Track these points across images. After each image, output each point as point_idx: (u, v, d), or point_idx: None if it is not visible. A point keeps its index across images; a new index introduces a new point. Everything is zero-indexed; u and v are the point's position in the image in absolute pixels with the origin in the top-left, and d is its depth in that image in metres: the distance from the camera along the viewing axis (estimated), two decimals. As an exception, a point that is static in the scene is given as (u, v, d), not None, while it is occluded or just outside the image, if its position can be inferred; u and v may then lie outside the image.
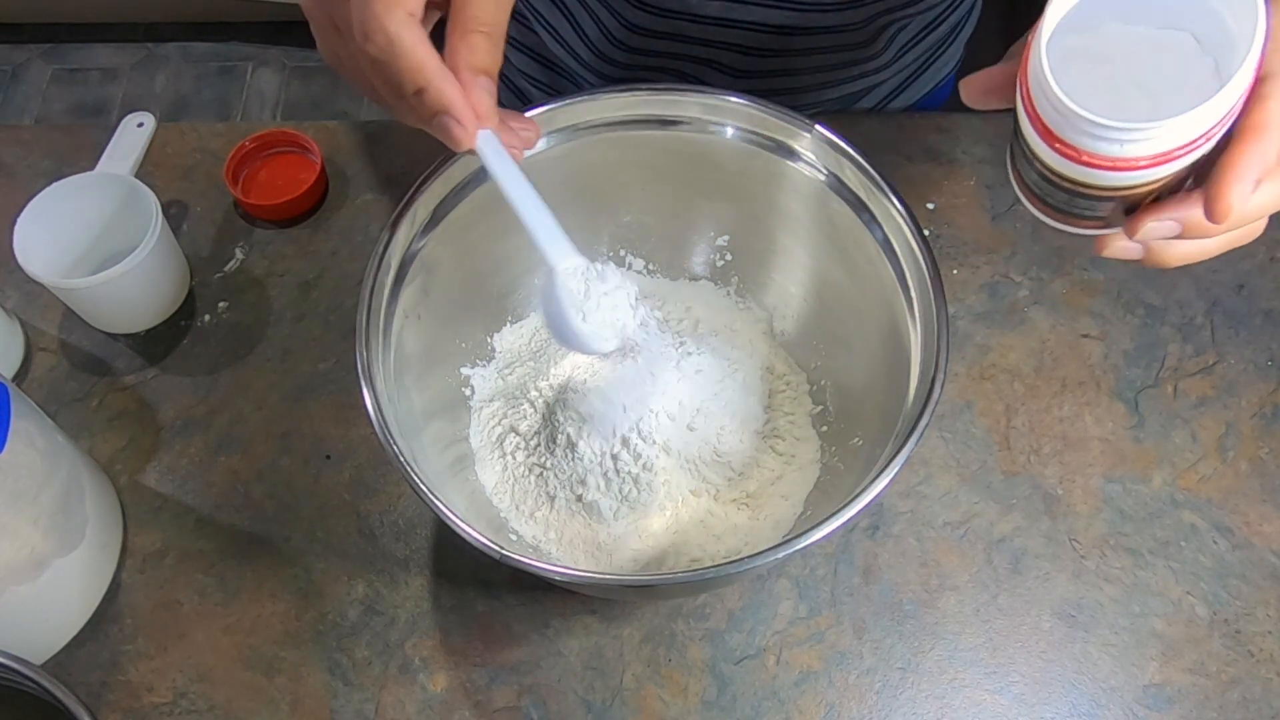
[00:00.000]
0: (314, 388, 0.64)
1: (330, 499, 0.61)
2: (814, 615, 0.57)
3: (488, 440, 0.58)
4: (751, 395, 0.58)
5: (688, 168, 0.56)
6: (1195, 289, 0.68)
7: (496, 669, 0.56)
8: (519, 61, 0.77)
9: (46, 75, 1.91)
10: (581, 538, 0.55)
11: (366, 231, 0.70)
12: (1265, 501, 0.60)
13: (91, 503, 0.56)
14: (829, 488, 0.55)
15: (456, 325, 0.58)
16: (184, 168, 0.72)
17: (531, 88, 0.78)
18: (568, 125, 0.53)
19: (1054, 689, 0.56)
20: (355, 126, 0.74)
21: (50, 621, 0.56)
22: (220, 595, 0.58)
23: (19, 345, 0.65)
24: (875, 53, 0.70)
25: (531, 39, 0.75)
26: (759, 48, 0.67)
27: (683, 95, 0.53)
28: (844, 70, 0.71)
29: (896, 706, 0.55)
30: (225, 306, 0.67)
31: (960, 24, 0.75)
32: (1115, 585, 0.58)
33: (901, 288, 0.50)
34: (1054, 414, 0.63)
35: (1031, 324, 0.66)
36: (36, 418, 0.52)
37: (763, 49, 0.67)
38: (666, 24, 0.65)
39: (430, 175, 0.50)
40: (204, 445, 0.62)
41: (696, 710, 0.55)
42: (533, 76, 0.77)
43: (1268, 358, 0.65)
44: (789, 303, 0.60)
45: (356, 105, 1.87)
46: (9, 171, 0.72)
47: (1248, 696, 0.55)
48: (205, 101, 1.88)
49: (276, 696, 0.55)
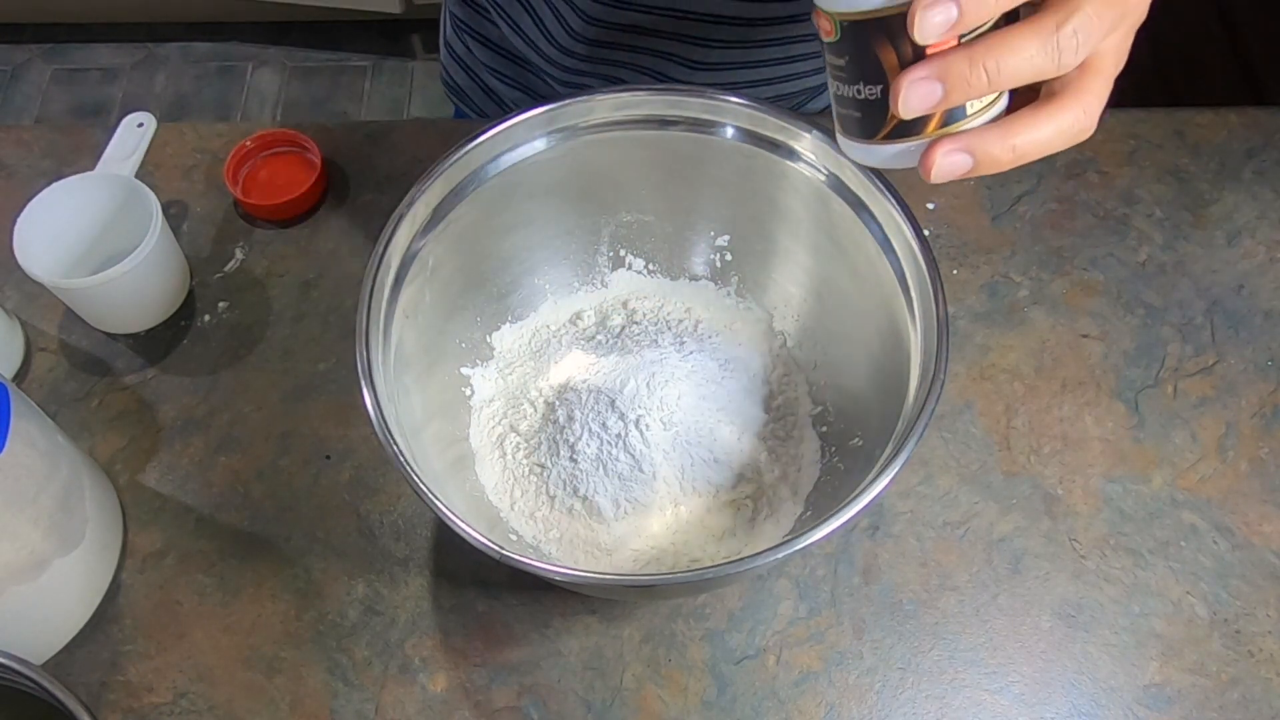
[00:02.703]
0: (314, 388, 0.64)
1: (330, 499, 0.61)
2: (814, 615, 0.57)
3: (488, 440, 0.58)
4: (751, 395, 0.58)
5: (688, 168, 0.56)
6: (1195, 289, 0.68)
7: (496, 669, 0.56)
8: (484, 56, 0.78)
9: (46, 75, 1.92)
10: (581, 538, 0.55)
11: (366, 231, 0.70)
12: (1265, 501, 0.60)
13: (91, 503, 0.56)
14: (829, 488, 0.55)
15: (457, 325, 0.58)
16: (184, 168, 0.72)
17: (498, 83, 0.79)
18: (568, 125, 0.53)
19: (1054, 689, 0.56)
20: (355, 126, 0.74)
21: (50, 621, 0.56)
22: (220, 595, 0.58)
23: (19, 345, 0.65)
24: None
25: (494, 33, 0.75)
26: (717, 39, 0.67)
27: (683, 95, 0.53)
28: (805, 62, 0.70)
29: (896, 706, 0.55)
30: (225, 306, 0.67)
31: None
32: (1115, 585, 0.58)
33: (901, 288, 0.49)
34: (1054, 414, 0.63)
35: (1031, 324, 0.66)
36: (36, 418, 0.52)
37: (721, 40, 0.67)
38: (622, 15, 0.65)
39: (430, 175, 0.50)
40: (204, 445, 0.62)
41: (696, 710, 0.55)
42: (498, 70, 0.78)
43: (1268, 358, 0.65)
44: (789, 303, 0.60)
45: (356, 105, 1.87)
46: (9, 171, 0.73)
47: (1248, 696, 0.55)
48: (205, 101, 1.88)
49: (276, 696, 0.55)
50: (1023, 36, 0.33)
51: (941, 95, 0.34)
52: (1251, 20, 1.29)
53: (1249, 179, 0.72)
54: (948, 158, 0.36)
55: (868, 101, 0.36)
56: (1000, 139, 0.35)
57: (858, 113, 0.37)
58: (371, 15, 1.85)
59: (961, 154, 0.36)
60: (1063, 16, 0.33)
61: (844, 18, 0.35)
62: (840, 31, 0.35)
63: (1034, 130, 0.35)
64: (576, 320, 0.62)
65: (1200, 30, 1.34)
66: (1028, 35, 0.33)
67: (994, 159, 0.36)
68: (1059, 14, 0.33)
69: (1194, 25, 1.34)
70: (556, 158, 0.54)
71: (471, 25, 0.77)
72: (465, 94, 0.82)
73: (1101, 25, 0.34)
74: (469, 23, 0.77)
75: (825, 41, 0.36)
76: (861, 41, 0.35)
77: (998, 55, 0.33)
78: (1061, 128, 0.36)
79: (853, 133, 0.38)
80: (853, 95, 0.37)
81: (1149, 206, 0.71)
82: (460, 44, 0.79)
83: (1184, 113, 0.75)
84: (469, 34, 0.77)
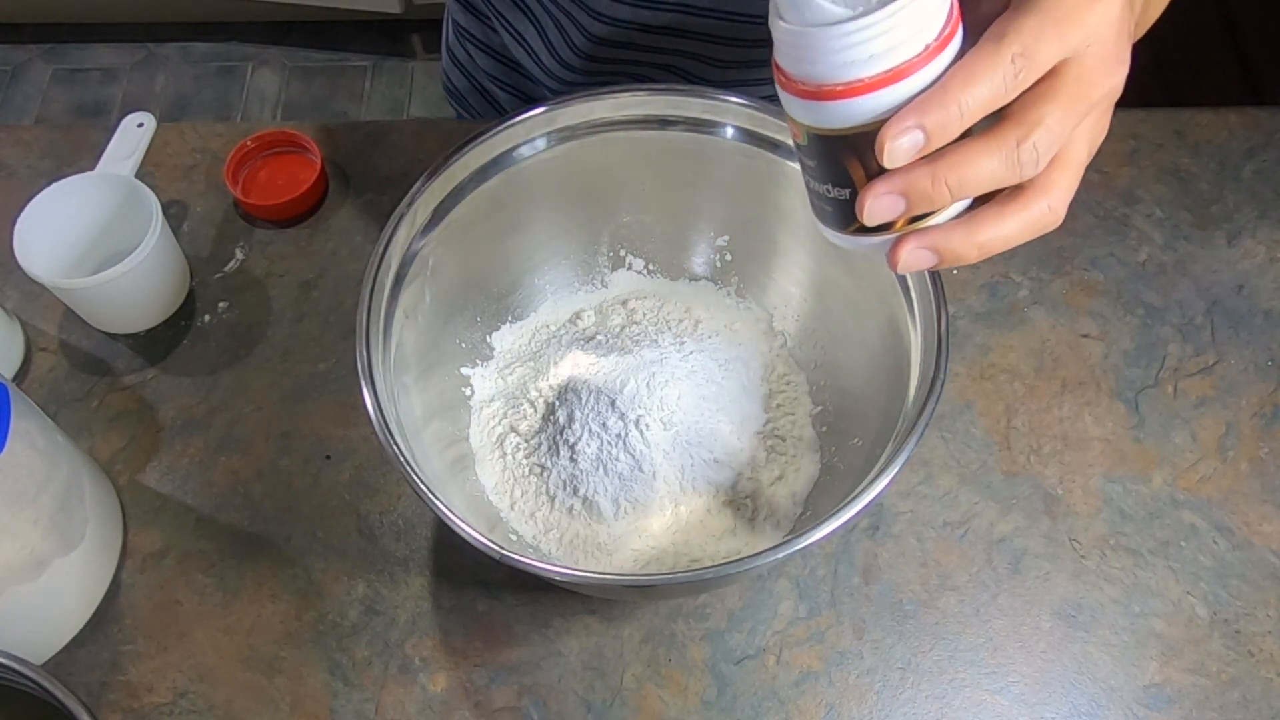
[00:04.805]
0: (314, 388, 0.64)
1: (330, 499, 0.61)
2: (814, 615, 0.57)
3: (488, 440, 0.58)
4: (751, 395, 0.58)
5: (688, 168, 0.56)
6: (1195, 289, 0.68)
7: (496, 669, 0.56)
8: (484, 64, 0.78)
9: (46, 75, 1.92)
10: (581, 538, 0.55)
11: (366, 231, 0.70)
12: (1265, 501, 0.60)
13: (91, 503, 0.56)
14: (829, 488, 0.55)
15: (456, 325, 0.58)
16: (184, 168, 0.72)
17: (498, 89, 0.79)
18: (568, 125, 0.53)
19: (1054, 689, 0.56)
20: (355, 126, 0.74)
21: (50, 621, 0.56)
22: (220, 595, 0.58)
23: (19, 345, 0.65)
24: None
25: (495, 40, 0.76)
26: (713, 57, 0.68)
27: (683, 95, 0.53)
28: None
29: (896, 706, 0.55)
30: (225, 306, 0.67)
31: None
32: (1115, 585, 0.58)
33: (901, 288, 0.50)
34: (1054, 414, 0.63)
35: (1031, 324, 0.66)
36: (36, 418, 0.52)
37: (718, 59, 0.68)
38: (624, 34, 0.66)
39: (430, 175, 0.50)
40: (204, 445, 0.62)
41: (696, 710, 0.55)
42: (498, 78, 0.78)
43: (1268, 358, 0.65)
44: (789, 303, 0.60)
45: (356, 105, 1.87)
46: (9, 171, 0.73)
47: (1248, 696, 0.55)
48: (205, 101, 1.88)
49: (276, 696, 0.55)
50: (984, 152, 0.34)
51: (904, 208, 0.35)
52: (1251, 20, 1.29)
53: (1249, 179, 0.72)
54: (913, 254, 0.36)
55: (837, 200, 0.37)
56: (965, 237, 0.36)
57: (829, 207, 0.38)
58: (372, 15, 1.85)
59: (926, 251, 0.36)
60: (1024, 131, 0.33)
61: (812, 130, 0.35)
62: (809, 139, 0.36)
63: (999, 227, 0.36)
64: (576, 320, 0.62)
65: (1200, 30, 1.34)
66: (989, 150, 0.34)
67: (958, 255, 0.36)
68: (1020, 127, 0.33)
69: (1194, 25, 1.34)
70: (556, 158, 0.54)
71: (473, 32, 0.77)
72: (465, 99, 0.83)
73: (1065, 128, 0.34)
74: (471, 30, 0.77)
75: (796, 143, 0.37)
76: (829, 152, 0.36)
77: (959, 170, 0.34)
78: (1027, 222, 0.36)
79: (825, 221, 0.39)
80: (823, 192, 0.38)
81: (1149, 206, 0.71)
82: (462, 50, 0.80)
83: (1184, 113, 0.75)
84: (471, 41, 0.78)
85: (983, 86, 0.33)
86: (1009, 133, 0.33)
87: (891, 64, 0.33)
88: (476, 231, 0.54)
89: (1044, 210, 0.36)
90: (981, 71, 0.32)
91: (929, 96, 0.33)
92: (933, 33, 0.33)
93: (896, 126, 0.33)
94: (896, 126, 0.33)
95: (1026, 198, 0.35)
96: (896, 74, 0.33)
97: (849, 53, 0.32)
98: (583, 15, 0.66)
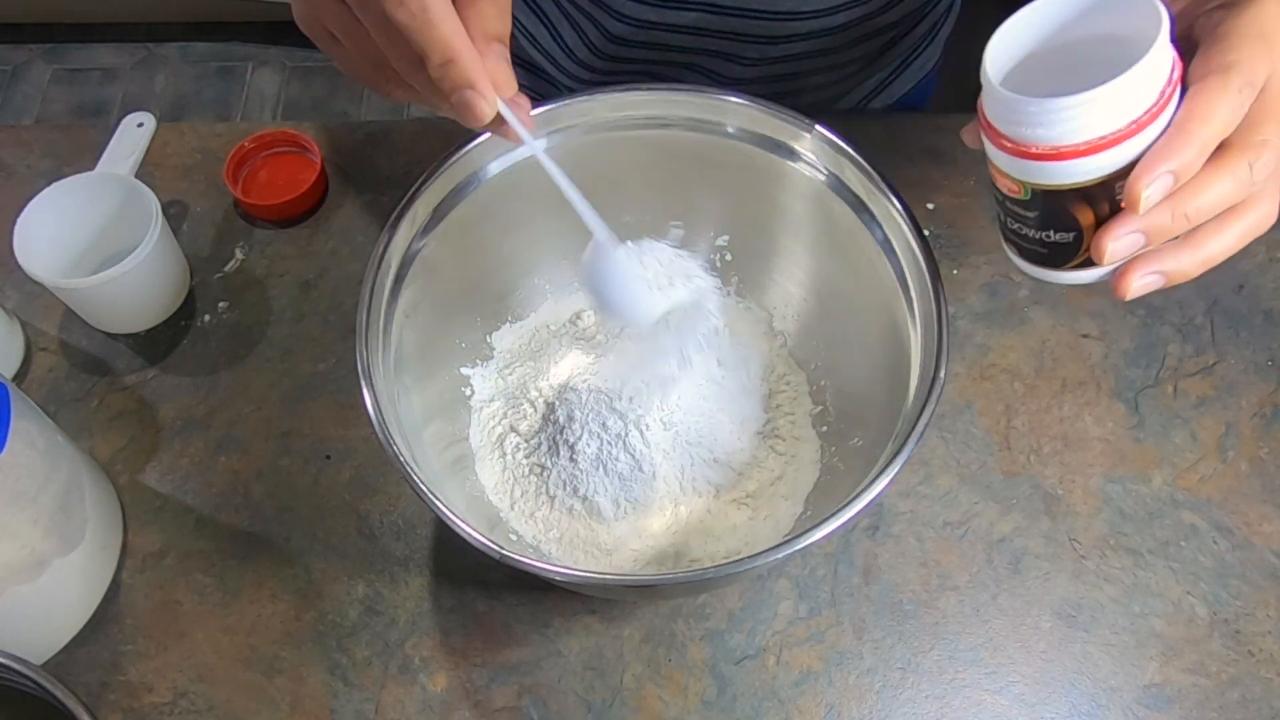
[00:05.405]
0: (314, 388, 0.64)
1: (330, 499, 0.61)
2: (814, 615, 0.57)
3: (488, 440, 0.58)
4: (751, 395, 0.58)
5: (688, 168, 0.56)
6: (1195, 289, 0.68)
7: (496, 669, 0.56)
8: None
9: (46, 75, 1.92)
10: (581, 538, 0.55)
11: (366, 231, 0.70)
12: (1265, 501, 0.60)
13: (91, 503, 0.56)
14: (829, 488, 0.55)
15: (456, 325, 0.58)
16: (184, 168, 0.72)
17: None
18: (568, 125, 0.53)
19: (1054, 689, 0.56)
20: (355, 126, 0.74)
21: (50, 621, 0.55)
22: (220, 595, 0.58)
23: (19, 345, 0.65)
24: (853, 56, 0.70)
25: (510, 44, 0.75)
26: (736, 55, 0.67)
27: (683, 95, 0.53)
28: (823, 75, 0.71)
29: (896, 706, 0.55)
30: (225, 306, 0.67)
31: (939, 23, 0.75)
32: (1115, 585, 0.58)
33: (901, 288, 0.50)
34: (1054, 414, 0.63)
35: (1031, 324, 0.66)
36: (36, 418, 0.52)
37: (741, 56, 0.68)
38: (645, 34, 0.65)
39: (430, 175, 0.50)
40: (204, 445, 0.62)
41: (696, 710, 0.55)
42: None
43: (1268, 358, 0.65)
44: (789, 303, 0.60)
45: (356, 105, 1.87)
46: (9, 171, 0.73)
47: (1248, 696, 0.55)
48: (205, 101, 1.88)
49: (276, 696, 0.55)
50: (1219, 179, 0.35)
51: (1143, 244, 0.36)
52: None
53: (1249, 179, 0.72)
54: (1143, 280, 0.37)
55: (1058, 243, 0.38)
56: (1191, 256, 0.37)
57: (1043, 250, 0.39)
58: (372, 15, 1.84)
59: (1156, 275, 0.37)
60: (1254, 154, 0.35)
61: (1038, 187, 0.36)
62: (1031, 195, 0.37)
63: (1221, 240, 0.37)
64: (576, 320, 0.62)
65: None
66: (1223, 177, 0.35)
67: (1185, 274, 0.37)
68: (1249, 150, 0.35)
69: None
70: (556, 158, 0.54)
71: None
72: None
73: None
74: None
75: (1010, 196, 0.38)
76: (1055, 204, 0.36)
77: (1196, 200, 0.35)
78: (1245, 230, 0.37)
79: (1035, 262, 0.40)
80: (1040, 237, 0.38)
81: (1149, 206, 0.71)
82: None
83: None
84: None
85: (1219, 123, 0.34)
86: (1239, 157, 0.35)
87: (1133, 116, 0.33)
88: (476, 231, 0.54)
89: (1260, 216, 0.37)
90: (1217, 107, 0.34)
91: (1172, 140, 0.34)
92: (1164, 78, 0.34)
93: (1148, 175, 0.34)
94: (1148, 175, 0.34)
95: (1244, 207, 0.37)
96: (1138, 125, 0.34)
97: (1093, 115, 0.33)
98: (603, 16, 0.65)
